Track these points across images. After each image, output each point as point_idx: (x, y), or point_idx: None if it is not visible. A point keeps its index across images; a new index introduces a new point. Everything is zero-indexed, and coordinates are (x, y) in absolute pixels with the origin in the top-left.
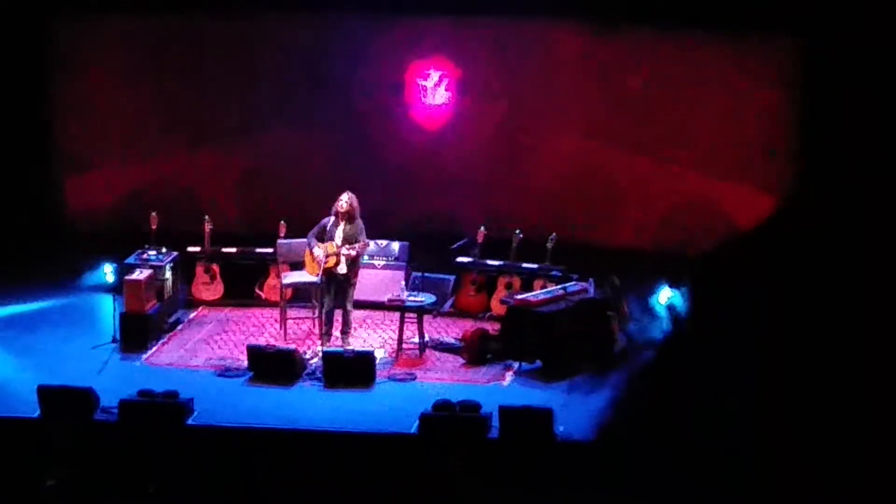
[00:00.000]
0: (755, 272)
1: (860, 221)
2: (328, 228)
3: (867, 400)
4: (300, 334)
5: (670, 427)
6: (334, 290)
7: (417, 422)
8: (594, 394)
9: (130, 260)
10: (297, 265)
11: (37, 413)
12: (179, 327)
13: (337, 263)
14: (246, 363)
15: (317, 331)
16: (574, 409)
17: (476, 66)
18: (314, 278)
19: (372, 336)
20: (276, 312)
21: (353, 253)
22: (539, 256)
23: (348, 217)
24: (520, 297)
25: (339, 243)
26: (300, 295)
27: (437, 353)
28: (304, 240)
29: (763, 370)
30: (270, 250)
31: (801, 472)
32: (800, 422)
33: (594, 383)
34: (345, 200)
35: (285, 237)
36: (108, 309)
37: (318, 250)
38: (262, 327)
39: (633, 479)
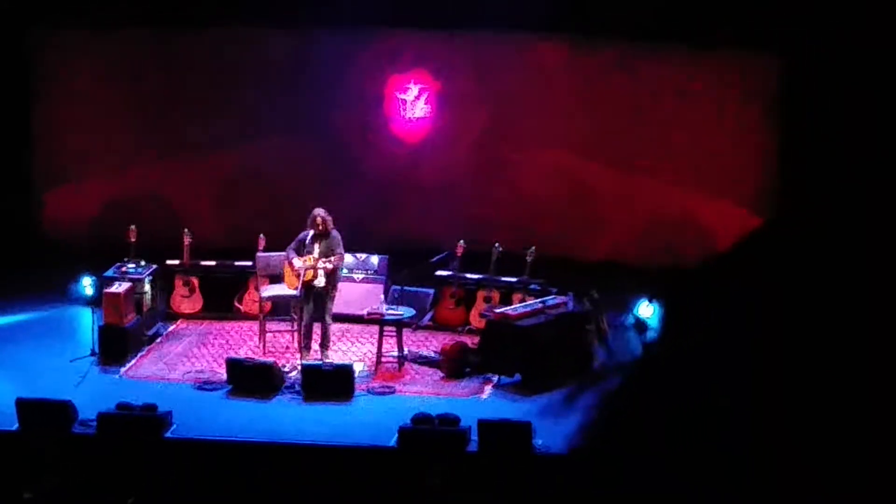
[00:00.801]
0: (736, 287)
1: (841, 234)
2: (307, 243)
3: (855, 421)
4: (279, 347)
5: (649, 442)
6: (313, 304)
7: (396, 435)
8: (573, 408)
9: (109, 273)
10: (276, 278)
11: (15, 426)
12: (158, 340)
13: (315, 276)
14: (224, 376)
15: (295, 344)
16: (553, 423)
17: (456, 80)
18: (293, 291)
19: (351, 349)
20: (255, 325)
21: (331, 266)
22: (518, 270)
23: (324, 232)
24: (499, 310)
25: (317, 256)
26: (279, 308)
27: (415, 367)
28: (284, 253)
29: (745, 385)
30: (249, 263)
31: (783, 493)
32: (782, 442)
33: (573, 397)
34: (320, 217)
35: (264, 250)
36: (86, 322)
37: (298, 261)
38: (241, 340)
39: (613, 493)
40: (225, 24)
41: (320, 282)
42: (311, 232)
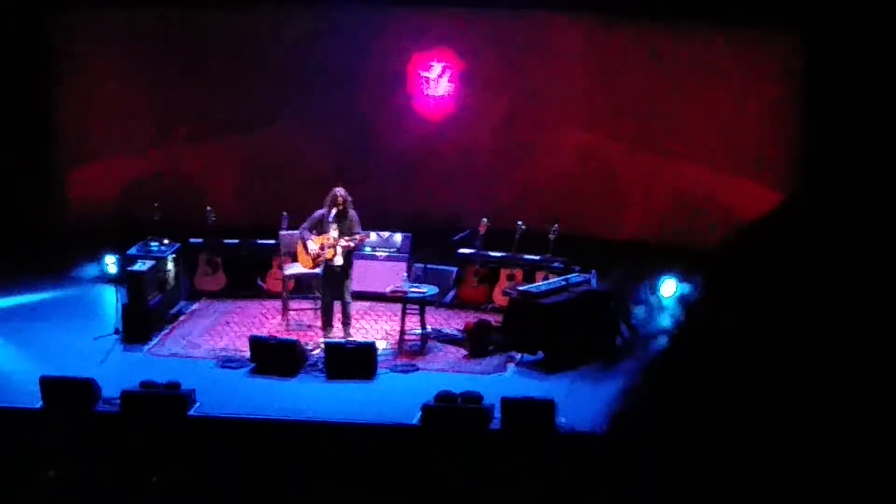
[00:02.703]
0: (759, 266)
1: (865, 216)
2: (328, 221)
3: (876, 395)
4: (302, 325)
5: (675, 421)
6: (331, 283)
7: (419, 413)
8: (596, 386)
9: (133, 251)
10: None
11: (39, 404)
12: (182, 318)
13: (335, 255)
14: (248, 354)
15: (318, 322)
16: (576, 401)
17: (479, 58)
18: (316, 270)
19: (374, 327)
20: (277, 304)
21: (353, 244)
22: (541, 248)
23: (343, 211)
24: (522, 288)
25: (336, 236)
26: (302, 286)
27: (439, 345)
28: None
29: (771, 364)
30: (273, 242)
31: (812, 470)
32: (808, 418)
33: (596, 375)
34: (341, 196)
35: (287, 229)
36: (110, 300)
37: (314, 244)
38: (264, 318)
39: (636, 472)
40: (245, 3)
41: (338, 261)
42: (330, 211)
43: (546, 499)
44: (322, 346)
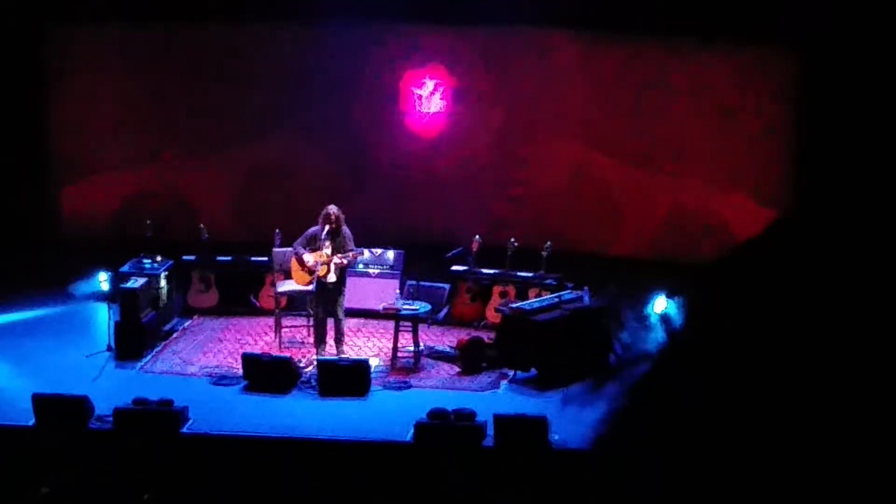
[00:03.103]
0: (754, 283)
1: (860, 232)
2: (321, 238)
3: (866, 413)
4: (295, 343)
5: (668, 437)
6: (324, 300)
7: (412, 430)
8: (589, 403)
9: (126, 268)
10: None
11: (31, 421)
12: (174, 335)
13: (328, 272)
14: (241, 371)
15: (311, 339)
16: (569, 418)
17: (471, 75)
18: (309, 287)
19: (367, 344)
20: (271, 321)
21: (346, 262)
22: (534, 265)
23: (336, 229)
24: (515, 305)
25: (330, 253)
26: (295, 303)
27: (431, 362)
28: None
29: (763, 380)
30: (265, 259)
31: (796, 487)
32: (798, 435)
33: (589, 393)
34: (334, 214)
35: (280, 246)
36: (103, 317)
37: (310, 258)
38: (257, 335)
39: (628, 489)
40: (240, 19)
41: (332, 278)
42: (323, 228)
43: None
44: (315, 363)
